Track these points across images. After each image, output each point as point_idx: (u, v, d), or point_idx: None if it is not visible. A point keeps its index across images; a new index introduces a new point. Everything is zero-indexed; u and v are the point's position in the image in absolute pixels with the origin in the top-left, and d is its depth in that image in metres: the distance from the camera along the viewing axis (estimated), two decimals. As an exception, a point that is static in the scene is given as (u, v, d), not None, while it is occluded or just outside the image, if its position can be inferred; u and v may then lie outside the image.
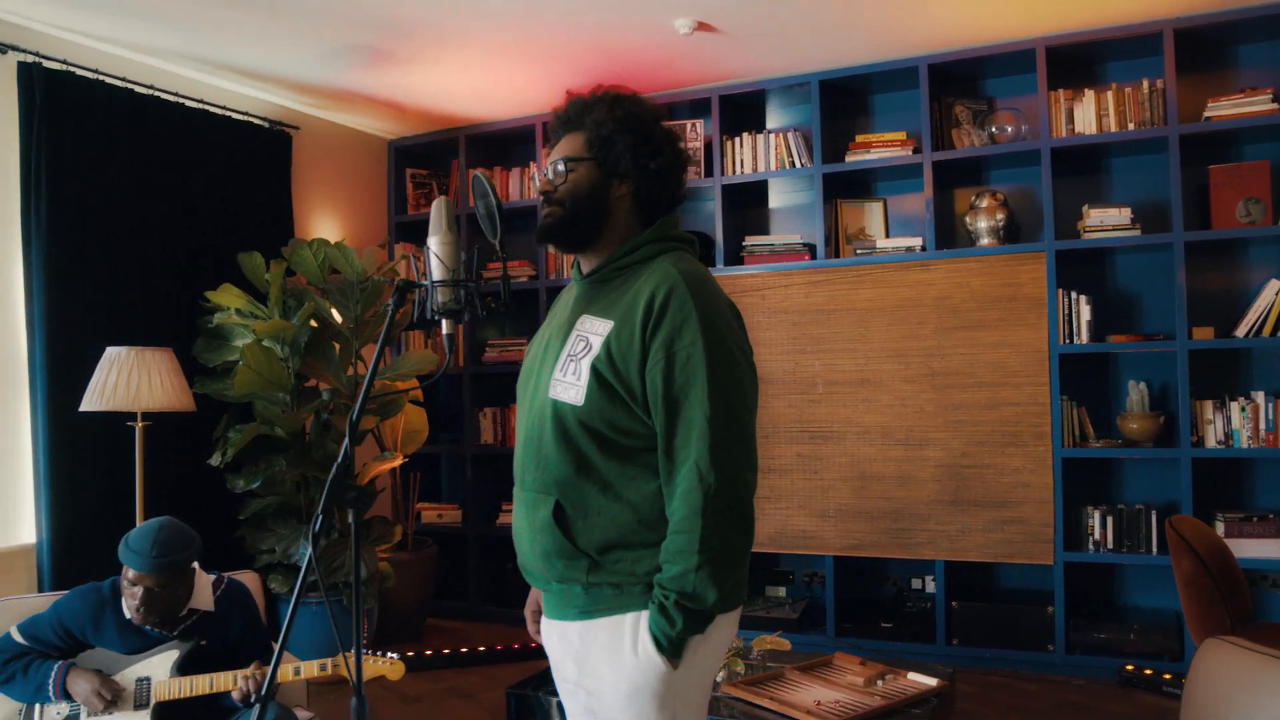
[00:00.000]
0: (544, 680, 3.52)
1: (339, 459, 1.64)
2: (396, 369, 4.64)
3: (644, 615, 1.64)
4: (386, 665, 2.63)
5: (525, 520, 1.75)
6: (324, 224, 5.53)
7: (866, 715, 3.00)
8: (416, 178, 6.02)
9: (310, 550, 1.62)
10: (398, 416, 4.98)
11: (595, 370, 1.65)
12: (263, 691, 1.65)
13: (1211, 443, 4.16)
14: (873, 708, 3.05)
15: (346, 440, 1.65)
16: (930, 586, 4.78)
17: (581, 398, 1.65)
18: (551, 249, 1.86)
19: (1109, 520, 4.31)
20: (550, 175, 1.79)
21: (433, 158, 6.12)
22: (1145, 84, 4.30)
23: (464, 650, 4.79)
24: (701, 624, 1.62)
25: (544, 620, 1.86)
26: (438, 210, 1.74)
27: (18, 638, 2.71)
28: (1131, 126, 4.31)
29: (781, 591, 5.11)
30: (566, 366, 1.69)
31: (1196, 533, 3.07)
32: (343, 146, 5.71)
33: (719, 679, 3.33)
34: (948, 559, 4.49)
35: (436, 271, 1.72)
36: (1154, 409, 4.36)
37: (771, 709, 3.10)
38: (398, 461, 4.79)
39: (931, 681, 3.29)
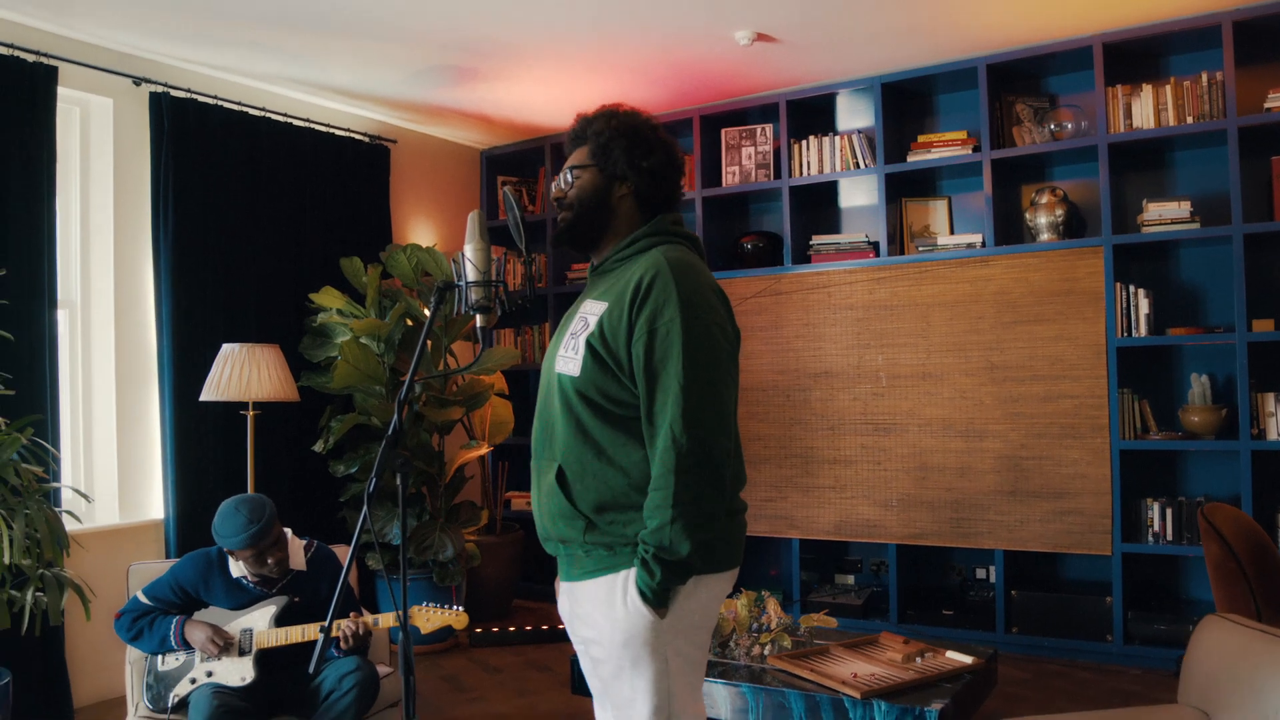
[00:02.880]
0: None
1: (389, 431, 1.96)
2: (482, 364, 5.01)
3: (633, 572, 1.86)
4: (452, 615, 2.97)
5: (537, 486, 2.01)
6: (420, 229, 5.96)
7: (898, 687, 3.20)
8: (507, 184, 6.39)
9: (366, 509, 1.94)
10: (485, 408, 5.35)
11: (590, 345, 1.88)
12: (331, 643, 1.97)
13: (1273, 435, 4.16)
14: (905, 680, 3.23)
15: (395, 417, 1.96)
16: (993, 575, 4.89)
17: (578, 369, 1.89)
18: (570, 250, 2.13)
19: (1168, 512, 4.35)
20: (561, 184, 2.06)
21: (522, 165, 6.49)
22: (1204, 77, 4.32)
23: (545, 628, 5.13)
24: (680, 575, 1.82)
25: (558, 583, 2.10)
26: (471, 222, 2.04)
27: (143, 599, 3.14)
28: (1190, 120, 4.34)
29: (850, 579, 5.29)
30: (568, 344, 1.93)
31: (1229, 521, 3.16)
32: (437, 157, 6.13)
33: (766, 652, 3.57)
34: (1007, 548, 4.60)
35: (470, 274, 2.02)
36: (1216, 402, 4.38)
37: (810, 679, 3.32)
38: (484, 450, 5.16)
39: (967, 659, 3.45)
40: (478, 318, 2.04)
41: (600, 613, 1.90)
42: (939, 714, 3.02)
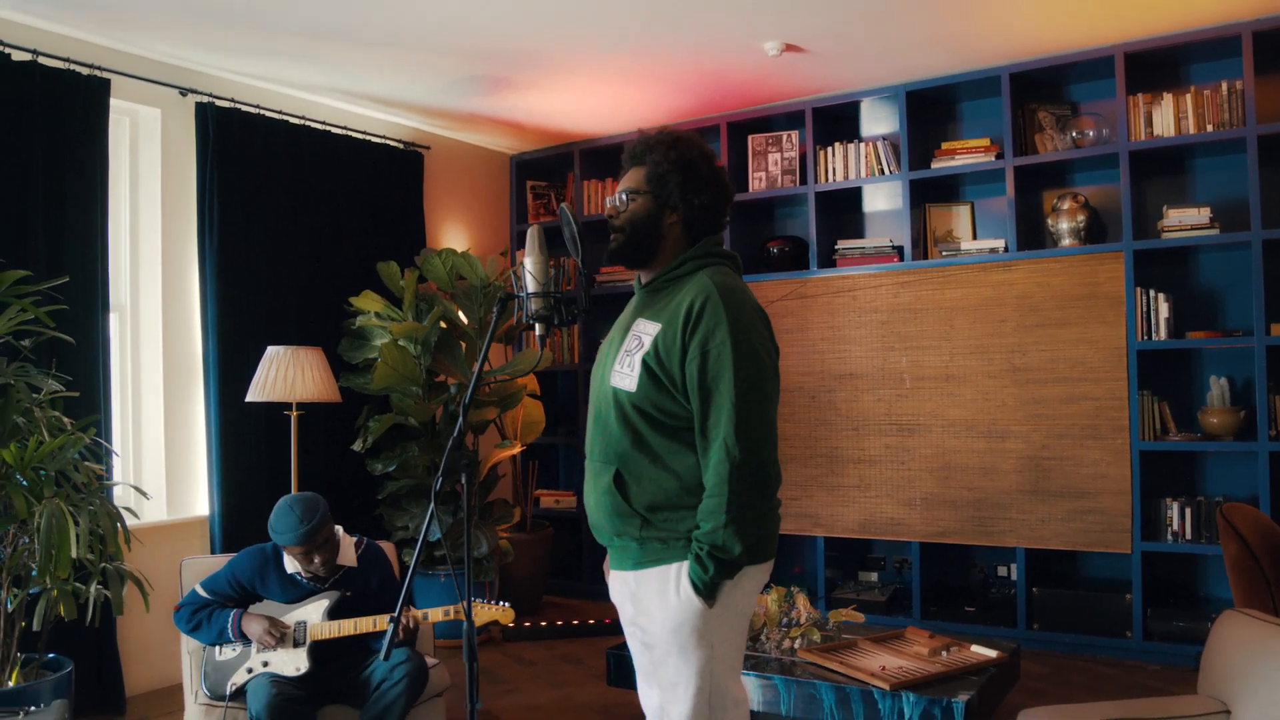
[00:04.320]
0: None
1: (454, 433, 2.09)
2: (515, 366, 5.14)
3: (685, 565, 2.03)
4: (499, 611, 3.10)
5: (592, 485, 2.18)
6: (452, 233, 6.10)
7: (926, 679, 3.31)
8: (536, 189, 6.53)
9: (434, 506, 2.08)
10: (517, 409, 5.48)
11: (645, 364, 2.05)
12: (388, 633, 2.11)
13: (1291, 436, 4.26)
14: (932, 673, 3.35)
15: (461, 419, 2.10)
16: (1014, 573, 4.99)
17: (635, 385, 2.05)
18: (620, 267, 2.28)
19: (1187, 512, 4.45)
20: (616, 203, 2.20)
21: (551, 170, 6.62)
22: (1224, 85, 4.42)
23: (575, 622, 5.26)
24: (730, 571, 2.00)
25: (609, 571, 2.28)
26: (531, 236, 2.17)
27: (201, 592, 3.29)
28: (1210, 128, 4.43)
29: (874, 576, 5.40)
30: (624, 360, 2.10)
31: (1248, 520, 3.26)
32: (469, 163, 6.28)
33: (796, 645, 3.69)
34: (1028, 546, 4.71)
35: (530, 285, 2.15)
36: (1235, 404, 4.47)
37: (840, 671, 3.44)
38: (516, 449, 5.30)
39: (992, 653, 3.56)
40: (537, 326, 2.17)
41: (654, 601, 2.07)
42: (965, 706, 3.14)
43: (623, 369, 2.09)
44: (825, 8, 4.13)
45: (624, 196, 2.19)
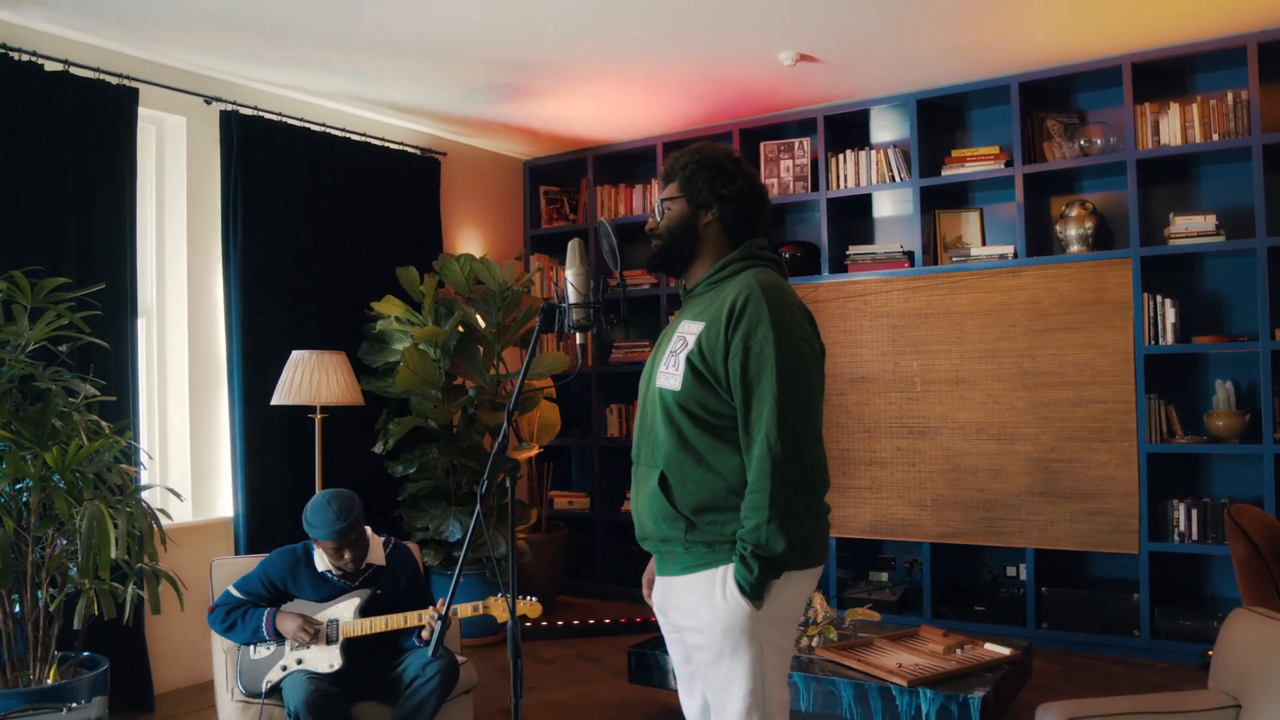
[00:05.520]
0: (659, 642, 4.03)
1: (500, 438, 2.18)
2: (533, 369, 5.23)
3: (731, 568, 2.06)
4: (527, 605, 3.19)
5: (639, 490, 2.22)
6: (468, 238, 6.19)
7: (942, 676, 3.41)
8: (549, 194, 6.62)
9: (479, 509, 2.16)
10: (534, 411, 5.57)
11: (690, 362, 2.10)
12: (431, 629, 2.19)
13: (1295, 439, 4.36)
14: (948, 670, 3.45)
15: (506, 424, 2.18)
16: (1023, 573, 5.08)
17: (679, 384, 2.10)
18: (664, 274, 2.35)
19: (1193, 513, 4.54)
20: (655, 217, 2.28)
21: (563, 175, 6.71)
22: (1230, 95, 4.51)
23: (591, 622, 5.35)
24: (775, 570, 2.03)
25: (655, 579, 2.31)
26: (572, 249, 2.26)
27: (235, 593, 3.38)
28: (1216, 137, 4.53)
29: (884, 576, 5.49)
30: (669, 360, 2.15)
31: (1255, 521, 3.35)
32: (484, 168, 6.36)
33: (814, 643, 3.78)
34: (1037, 547, 4.80)
35: (572, 296, 2.23)
36: (1240, 407, 4.57)
37: (858, 669, 3.53)
38: (533, 452, 5.39)
39: (1005, 651, 3.66)
40: (577, 335, 2.26)
41: (701, 605, 2.10)
42: (981, 702, 3.23)
43: (668, 369, 2.14)
44: (842, 19, 4.23)
45: (660, 208, 2.27)
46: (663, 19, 4.18)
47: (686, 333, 2.15)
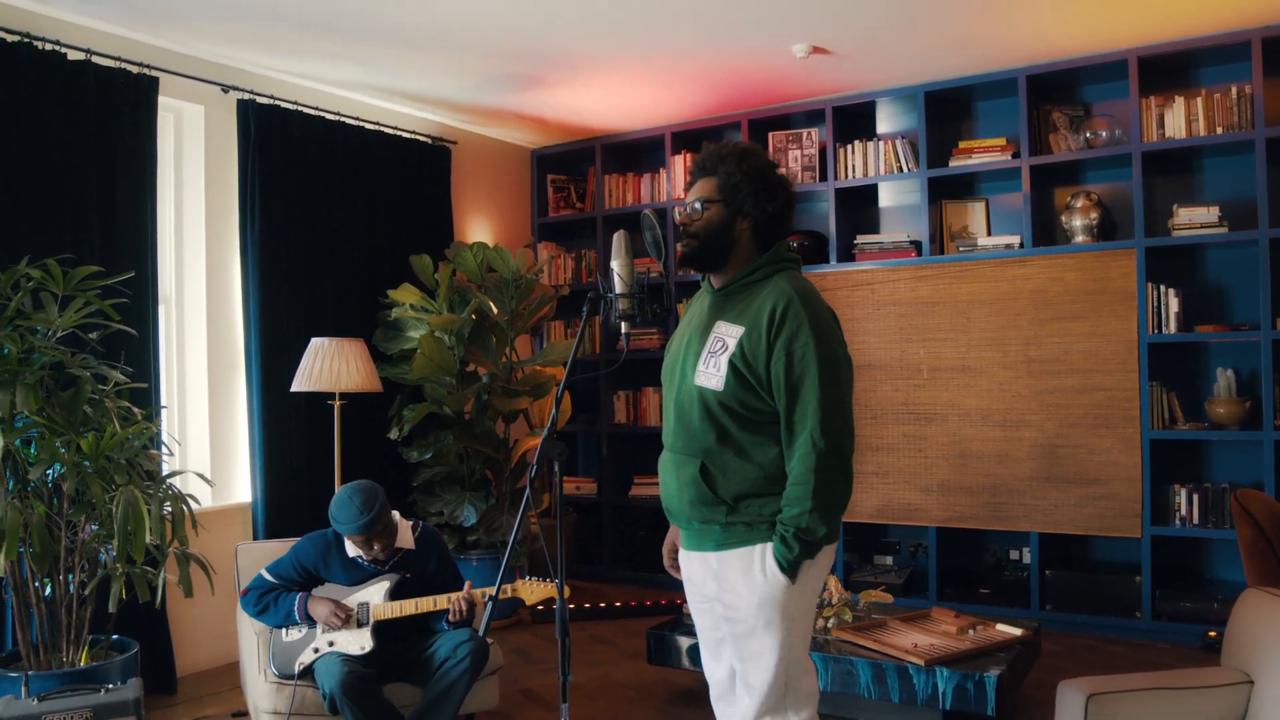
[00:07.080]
0: (677, 624, 4.12)
1: (548, 425, 2.25)
2: (545, 356, 5.30)
3: (769, 546, 2.22)
4: (552, 588, 3.26)
5: (673, 476, 2.34)
6: (477, 226, 6.24)
7: (956, 655, 3.50)
8: (556, 183, 6.67)
9: (528, 493, 2.24)
10: (546, 398, 5.63)
11: (732, 365, 2.22)
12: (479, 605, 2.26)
13: (1294, 425, 4.47)
14: (962, 649, 3.54)
15: (554, 410, 2.26)
16: (1027, 557, 5.19)
17: (721, 385, 2.22)
18: (692, 270, 2.44)
19: (1195, 498, 4.65)
20: (689, 212, 2.35)
21: (571, 164, 6.76)
22: (1234, 89, 4.60)
23: (603, 605, 5.44)
24: (812, 551, 2.19)
25: (682, 552, 2.45)
26: (618, 241, 2.33)
27: (268, 577, 3.44)
28: (1220, 130, 4.62)
29: (889, 560, 5.59)
30: (708, 361, 2.26)
31: (1260, 505, 3.46)
32: (493, 157, 6.41)
33: (830, 624, 3.87)
34: (1041, 531, 4.91)
35: (618, 286, 2.31)
36: (1241, 395, 4.68)
37: (874, 649, 3.62)
38: (544, 437, 5.45)
39: (1016, 631, 3.76)
40: (623, 324, 2.33)
41: (739, 579, 2.25)
42: (997, 680, 3.33)
43: (708, 369, 2.25)
44: (855, 12, 4.29)
45: (698, 205, 2.34)
46: (683, 14, 4.24)
47: (725, 335, 2.26)
